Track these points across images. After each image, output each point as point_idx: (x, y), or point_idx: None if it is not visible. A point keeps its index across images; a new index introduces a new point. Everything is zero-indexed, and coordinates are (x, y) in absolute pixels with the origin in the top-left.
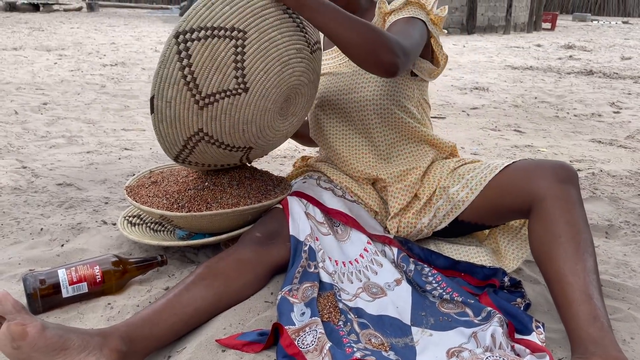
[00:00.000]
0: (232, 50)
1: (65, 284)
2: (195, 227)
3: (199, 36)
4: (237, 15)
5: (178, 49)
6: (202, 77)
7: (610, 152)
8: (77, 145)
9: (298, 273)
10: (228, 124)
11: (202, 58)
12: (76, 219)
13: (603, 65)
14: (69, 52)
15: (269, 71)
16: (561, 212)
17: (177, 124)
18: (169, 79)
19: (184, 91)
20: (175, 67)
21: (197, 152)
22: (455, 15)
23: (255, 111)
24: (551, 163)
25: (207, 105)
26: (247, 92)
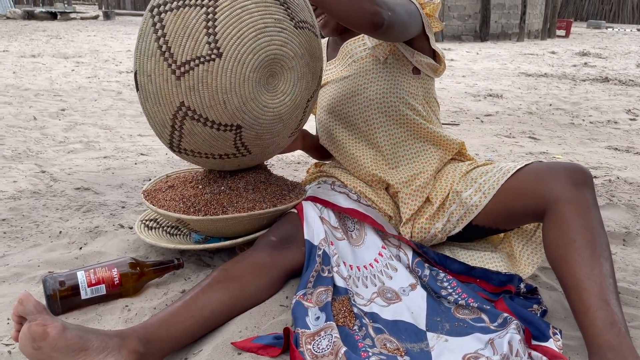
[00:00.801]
0: (204, 17)
1: (84, 286)
2: (211, 231)
3: (171, 7)
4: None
5: (153, 21)
6: (176, 45)
7: (626, 159)
8: (94, 150)
9: (312, 277)
10: (207, 93)
11: (175, 27)
12: (94, 223)
13: (618, 73)
14: (85, 59)
15: (242, 36)
16: (576, 215)
17: (160, 99)
18: (146, 52)
19: (160, 62)
20: (152, 38)
21: (187, 133)
22: (469, 22)
23: (233, 78)
24: (564, 165)
25: (183, 74)
26: (220, 58)
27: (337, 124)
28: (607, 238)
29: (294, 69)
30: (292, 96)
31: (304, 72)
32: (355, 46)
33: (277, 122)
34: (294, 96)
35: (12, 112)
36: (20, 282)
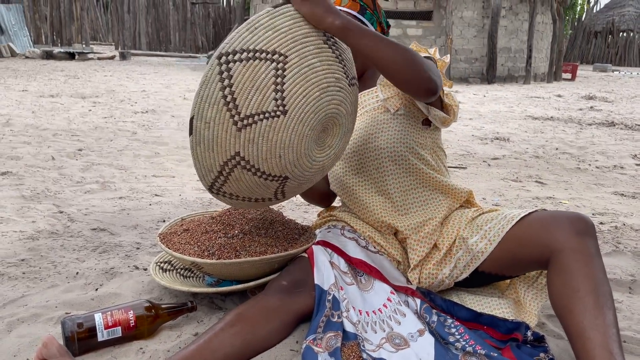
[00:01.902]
0: (273, 72)
1: (101, 328)
2: (225, 274)
3: (241, 57)
4: (279, 40)
5: (220, 69)
6: (242, 97)
7: (633, 205)
8: (110, 190)
9: (322, 322)
10: (265, 147)
11: (243, 79)
12: (109, 264)
13: (625, 117)
14: (102, 99)
15: (307, 95)
16: (579, 265)
17: (215, 146)
18: (209, 99)
19: (223, 111)
20: (216, 87)
21: (232, 180)
22: (476, 65)
23: (293, 136)
24: (567, 215)
25: (245, 126)
26: (285, 115)
27: (348, 171)
28: (610, 287)
29: (343, 125)
30: (336, 149)
31: (350, 127)
32: (368, 98)
33: (319, 173)
34: (338, 149)
35: (31, 152)
36: (39, 323)
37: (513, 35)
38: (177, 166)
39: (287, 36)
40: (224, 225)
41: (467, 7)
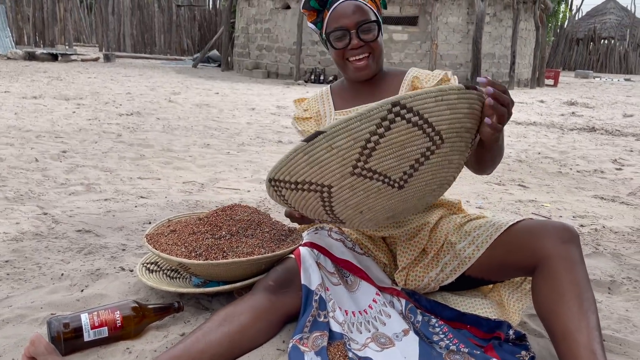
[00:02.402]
0: (319, 198)
1: (87, 328)
2: (211, 275)
3: (286, 186)
4: (320, 174)
5: (276, 193)
6: (302, 210)
7: (612, 208)
8: (95, 192)
9: (309, 322)
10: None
11: (296, 203)
12: (95, 265)
13: (605, 122)
14: (86, 101)
15: (352, 218)
16: (565, 271)
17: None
18: (280, 203)
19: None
20: (281, 202)
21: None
22: (461, 70)
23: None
24: (554, 224)
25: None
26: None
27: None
28: (592, 293)
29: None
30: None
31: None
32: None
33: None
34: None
35: (14, 154)
36: (24, 324)
37: (497, 42)
38: (162, 168)
39: (329, 169)
40: (211, 227)
41: (452, 12)
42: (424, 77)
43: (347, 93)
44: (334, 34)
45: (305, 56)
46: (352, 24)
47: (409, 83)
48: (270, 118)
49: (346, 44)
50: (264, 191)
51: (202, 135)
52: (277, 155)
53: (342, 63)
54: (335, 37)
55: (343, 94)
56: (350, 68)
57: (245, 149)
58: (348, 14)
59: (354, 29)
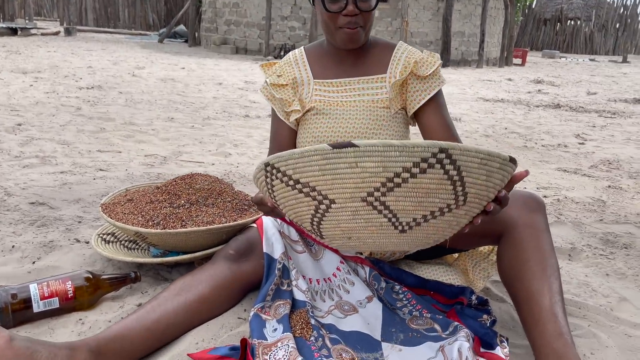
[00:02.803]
0: (314, 207)
1: (37, 299)
2: (170, 245)
3: (283, 179)
4: (329, 185)
5: (266, 180)
6: (286, 210)
7: (574, 180)
8: (50, 165)
9: (271, 291)
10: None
11: (283, 199)
12: (48, 237)
13: (570, 100)
14: (45, 74)
15: (335, 238)
16: (530, 238)
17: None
18: (262, 190)
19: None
20: (264, 190)
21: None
22: (431, 48)
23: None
24: (521, 193)
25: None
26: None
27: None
28: (556, 260)
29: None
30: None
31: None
32: (369, 85)
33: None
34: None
35: None
36: None
37: (467, 20)
38: (123, 142)
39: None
40: (169, 195)
41: None
42: (421, 62)
43: (328, 60)
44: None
45: (275, 32)
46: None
47: (405, 66)
48: (237, 93)
49: (341, 7)
50: (229, 164)
51: (166, 109)
52: (243, 129)
53: (330, 27)
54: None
55: (322, 61)
56: (339, 34)
57: (210, 122)
58: None
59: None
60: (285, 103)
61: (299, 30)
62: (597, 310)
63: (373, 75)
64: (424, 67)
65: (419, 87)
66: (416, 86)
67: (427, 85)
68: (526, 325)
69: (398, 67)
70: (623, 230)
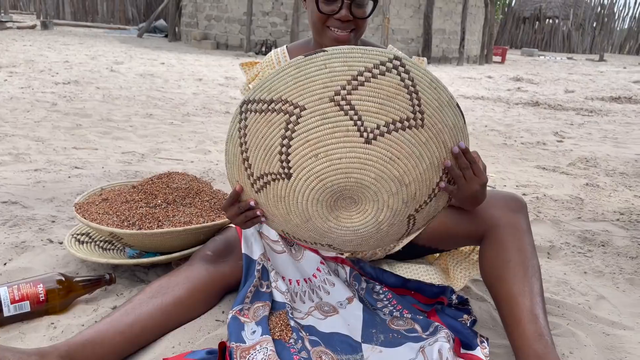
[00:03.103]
0: (284, 124)
1: (7, 303)
2: (146, 246)
3: (256, 108)
4: (300, 91)
5: (239, 125)
6: (253, 155)
7: (553, 178)
8: (24, 163)
9: (250, 293)
10: (277, 211)
11: (255, 134)
12: (20, 238)
13: (548, 97)
14: (20, 69)
15: (303, 166)
16: (512, 239)
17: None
18: (232, 158)
19: (242, 171)
20: (236, 143)
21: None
22: (412, 45)
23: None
24: (503, 194)
25: (260, 189)
26: (289, 179)
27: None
28: (537, 260)
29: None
30: (373, 214)
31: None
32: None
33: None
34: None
35: None
36: None
37: (447, 17)
38: (100, 138)
39: (309, 88)
40: (146, 195)
41: None
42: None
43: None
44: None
45: (256, 27)
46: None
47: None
48: (217, 89)
49: (334, 11)
50: (209, 162)
51: (145, 105)
52: (223, 125)
53: (320, 28)
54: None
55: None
56: (329, 36)
57: (190, 119)
58: None
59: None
60: None
61: (281, 26)
62: (576, 308)
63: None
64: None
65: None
66: None
67: None
68: (507, 326)
69: None
70: (600, 228)
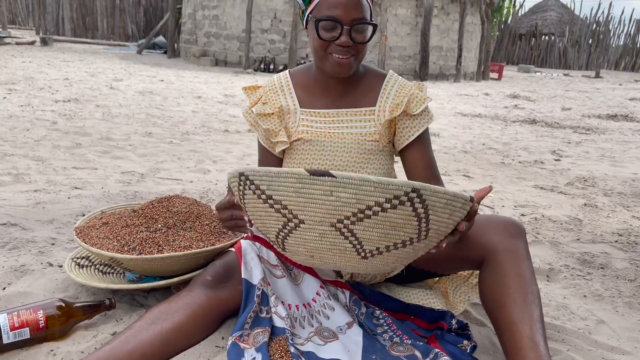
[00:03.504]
0: (282, 224)
1: (6, 330)
2: (146, 270)
3: (255, 192)
4: (301, 207)
5: (238, 186)
6: (250, 215)
7: (551, 198)
8: (23, 183)
9: (250, 318)
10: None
11: (253, 209)
12: (20, 261)
13: (545, 115)
14: (19, 86)
15: (298, 254)
16: (512, 264)
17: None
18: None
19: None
20: (235, 193)
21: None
22: (409, 62)
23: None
24: (502, 219)
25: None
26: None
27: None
28: (537, 286)
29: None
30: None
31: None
32: (358, 118)
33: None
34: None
35: None
36: None
37: (444, 35)
38: (100, 158)
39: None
40: (146, 219)
41: (401, 5)
42: (412, 98)
43: (315, 87)
44: (324, 23)
45: (255, 44)
46: (348, 19)
47: (397, 103)
48: (217, 107)
49: (334, 37)
50: (208, 182)
51: (144, 124)
52: (222, 144)
53: (322, 54)
54: (324, 26)
55: (309, 88)
56: (330, 62)
57: (189, 138)
58: (347, 6)
59: (348, 25)
60: (271, 133)
61: (279, 43)
62: (576, 333)
63: (362, 108)
64: (414, 103)
65: (408, 124)
66: (405, 123)
67: (416, 123)
68: (507, 353)
69: (388, 101)
70: (599, 250)
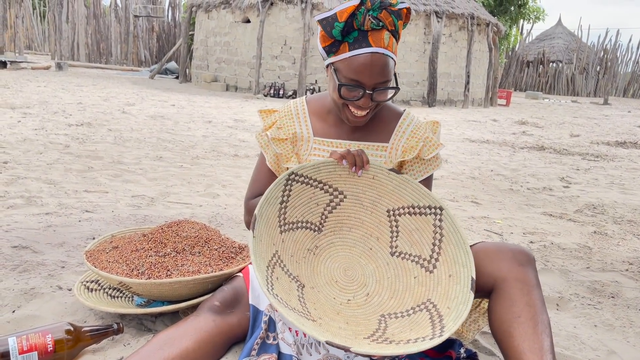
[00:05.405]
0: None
1: (15, 353)
2: (155, 295)
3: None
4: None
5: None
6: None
7: (560, 225)
8: (35, 206)
9: (257, 344)
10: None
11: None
12: (30, 284)
13: (553, 142)
14: (34, 110)
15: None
16: (521, 293)
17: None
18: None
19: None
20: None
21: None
22: (417, 88)
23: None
24: (511, 247)
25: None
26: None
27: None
28: (547, 315)
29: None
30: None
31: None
32: (376, 153)
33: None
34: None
35: None
36: None
37: (452, 62)
38: (111, 181)
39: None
40: (155, 243)
41: (409, 32)
42: (428, 144)
43: (330, 117)
44: (347, 86)
45: (265, 70)
46: (371, 83)
47: (411, 145)
48: (227, 131)
49: (355, 97)
50: (217, 206)
51: (155, 148)
52: (232, 168)
53: (339, 103)
54: (347, 88)
55: (324, 117)
56: (346, 113)
57: (199, 162)
58: (372, 74)
59: (370, 89)
60: (282, 157)
61: (289, 69)
62: None
63: (375, 143)
64: (427, 147)
65: (417, 167)
66: (414, 165)
67: (425, 166)
68: None
69: (401, 141)
70: (609, 279)
